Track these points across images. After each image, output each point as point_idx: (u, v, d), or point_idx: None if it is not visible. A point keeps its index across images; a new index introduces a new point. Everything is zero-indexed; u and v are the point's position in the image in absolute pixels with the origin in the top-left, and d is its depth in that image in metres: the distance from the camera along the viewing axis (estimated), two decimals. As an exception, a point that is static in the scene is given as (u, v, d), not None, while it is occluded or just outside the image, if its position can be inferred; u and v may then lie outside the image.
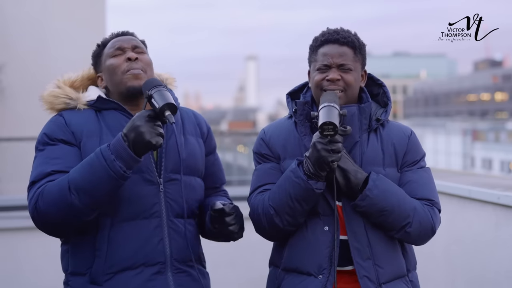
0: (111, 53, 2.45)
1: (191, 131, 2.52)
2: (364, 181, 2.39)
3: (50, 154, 2.31)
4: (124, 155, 2.18)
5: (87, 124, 2.36)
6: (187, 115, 2.57)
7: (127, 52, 2.44)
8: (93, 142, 2.32)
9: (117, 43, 2.47)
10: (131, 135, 2.18)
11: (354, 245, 2.41)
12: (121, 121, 2.36)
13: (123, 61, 2.42)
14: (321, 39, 2.48)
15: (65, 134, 2.34)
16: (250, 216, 2.51)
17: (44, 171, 2.28)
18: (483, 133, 51.30)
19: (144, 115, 2.21)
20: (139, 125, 2.18)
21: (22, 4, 11.69)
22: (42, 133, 2.38)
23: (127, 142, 2.18)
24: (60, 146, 2.32)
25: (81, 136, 2.34)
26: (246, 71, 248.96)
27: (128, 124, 2.22)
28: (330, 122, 2.25)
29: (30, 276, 4.73)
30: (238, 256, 5.02)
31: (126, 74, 2.40)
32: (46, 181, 2.25)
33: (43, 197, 2.22)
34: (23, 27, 11.54)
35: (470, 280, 3.97)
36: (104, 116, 2.39)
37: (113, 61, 2.43)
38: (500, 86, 78.71)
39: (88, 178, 2.18)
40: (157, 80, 2.33)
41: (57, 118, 2.40)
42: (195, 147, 2.50)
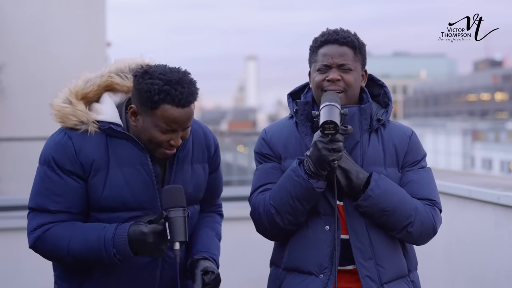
0: (161, 127, 2.24)
1: (198, 158, 2.46)
2: (366, 181, 2.40)
3: (54, 188, 2.29)
4: (125, 253, 2.24)
5: (96, 153, 2.30)
6: (197, 138, 2.47)
7: (176, 135, 2.26)
8: (100, 176, 2.29)
9: (173, 125, 2.24)
10: (137, 245, 2.23)
11: (356, 245, 2.41)
12: (131, 154, 2.31)
13: (168, 140, 2.27)
14: (321, 40, 2.48)
15: (73, 165, 2.28)
16: (251, 215, 2.52)
17: (45, 206, 2.29)
18: (483, 133, 51.29)
19: (155, 231, 2.21)
20: (148, 242, 2.21)
21: (22, 4, 11.69)
22: (50, 155, 2.30)
23: (130, 245, 2.22)
24: (66, 181, 2.29)
25: (90, 169, 2.29)
26: (246, 71, 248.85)
27: (137, 233, 2.21)
28: (331, 121, 2.26)
29: (30, 276, 4.73)
30: (238, 256, 5.02)
31: (162, 150, 2.29)
32: (48, 221, 2.29)
33: (42, 243, 2.30)
34: (23, 27, 11.54)
35: (470, 280, 3.97)
36: (115, 144, 2.31)
37: (158, 136, 2.26)
38: (500, 86, 78.71)
39: (86, 255, 2.27)
40: (180, 194, 2.25)
41: (67, 141, 2.30)
42: (200, 176, 2.47)
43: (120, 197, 2.29)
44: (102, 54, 12.82)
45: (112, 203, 2.30)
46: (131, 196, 2.30)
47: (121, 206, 2.30)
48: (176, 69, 2.28)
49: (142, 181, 2.31)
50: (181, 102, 2.21)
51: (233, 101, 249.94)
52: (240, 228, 4.70)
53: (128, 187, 2.30)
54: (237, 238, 4.93)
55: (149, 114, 2.25)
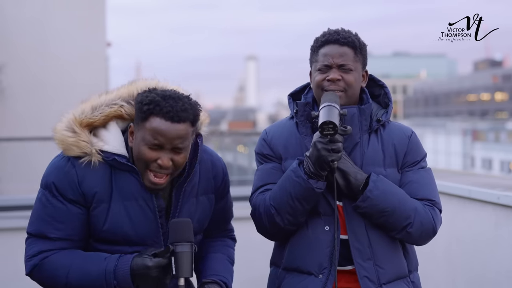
0: (148, 141, 2.17)
1: (204, 190, 2.39)
2: (365, 182, 2.40)
3: (55, 214, 2.23)
4: (126, 286, 2.18)
5: (98, 186, 2.23)
6: (205, 168, 2.40)
7: (163, 153, 2.17)
8: (101, 209, 2.24)
9: (159, 138, 2.15)
10: (140, 279, 2.17)
11: (355, 245, 2.41)
12: (133, 189, 2.24)
13: (155, 159, 2.18)
14: (322, 40, 2.49)
15: (74, 195, 2.22)
16: (252, 215, 2.52)
17: (45, 232, 2.23)
18: (483, 133, 51.28)
19: (160, 265, 2.16)
20: (151, 276, 2.16)
21: (22, 4, 11.70)
22: (52, 182, 2.24)
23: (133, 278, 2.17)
24: (67, 208, 2.23)
25: (91, 200, 2.23)
26: (246, 71, 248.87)
27: (141, 266, 2.16)
28: (330, 121, 2.26)
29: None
30: (238, 256, 5.00)
31: (150, 174, 2.20)
32: (47, 249, 2.23)
33: (40, 272, 2.24)
34: (23, 27, 11.56)
35: (470, 280, 3.97)
36: (118, 177, 2.24)
37: (145, 152, 2.18)
38: (500, 86, 78.70)
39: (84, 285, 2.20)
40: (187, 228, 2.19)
41: (70, 170, 2.23)
42: (205, 207, 2.41)
43: (121, 231, 2.24)
44: (102, 54, 12.84)
45: (113, 236, 2.25)
46: (132, 231, 2.25)
47: (122, 240, 2.25)
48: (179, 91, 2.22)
49: (144, 216, 2.25)
50: (169, 114, 2.14)
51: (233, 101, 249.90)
52: (240, 228, 4.68)
53: (130, 222, 2.24)
54: (237, 238, 4.92)
55: (139, 128, 2.19)
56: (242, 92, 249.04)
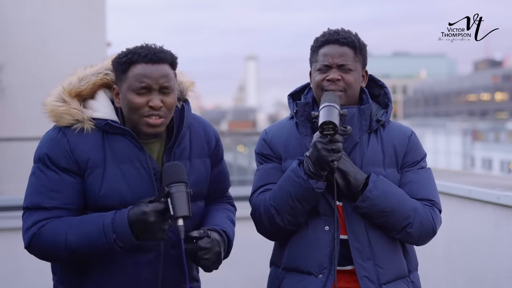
0: (135, 87, 2.20)
1: (198, 153, 2.40)
2: (364, 182, 2.40)
3: (49, 184, 2.23)
4: (126, 238, 2.16)
5: (92, 152, 2.24)
6: (196, 132, 2.42)
7: (152, 94, 2.20)
8: (96, 175, 2.24)
9: (145, 80, 2.19)
10: (139, 227, 2.15)
11: (355, 245, 2.41)
12: (128, 151, 2.26)
13: (145, 104, 2.20)
14: (322, 40, 2.49)
15: (68, 163, 2.23)
16: (252, 215, 2.53)
17: (41, 203, 2.23)
18: (483, 133, 51.27)
19: (156, 210, 2.14)
20: (149, 221, 2.13)
21: (22, 4, 11.70)
22: (44, 153, 2.25)
23: (131, 228, 2.15)
24: (61, 177, 2.23)
25: (86, 167, 2.24)
26: (246, 71, 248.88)
27: (138, 213, 2.14)
28: (330, 121, 2.26)
29: (30, 276, 4.73)
30: (238, 256, 5.01)
31: (145, 119, 2.22)
32: (44, 218, 2.22)
33: (38, 240, 2.22)
34: (23, 27, 11.55)
35: (470, 280, 3.97)
36: (112, 141, 2.26)
37: (134, 99, 2.21)
38: (500, 86, 78.71)
39: (85, 246, 2.19)
40: (180, 169, 2.19)
41: (61, 138, 2.25)
42: (201, 171, 2.40)
43: (118, 194, 2.24)
44: (102, 54, 12.82)
45: (110, 201, 2.24)
46: (129, 193, 2.24)
47: (119, 204, 2.23)
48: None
49: (140, 177, 2.26)
50: (148, 57, 2.20)
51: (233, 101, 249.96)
52: (240, 228, 4.69)
53: (126, 184, 2.25)
54: (237, 238, 4.91)
55: (123, 81, 2.23)
56: (242, 92, 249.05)
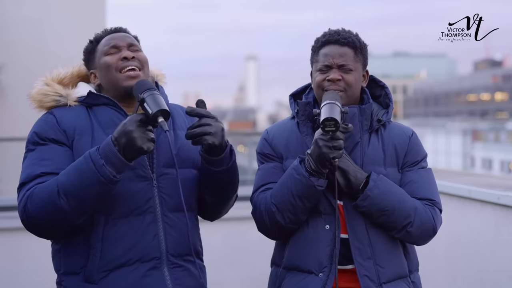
0: (105, 50, 2.40)
1: (181, 126, 2.46)
2: (365, 181, 2.40)
3: (40, 155, 2.27)
4: (114, 159, 2.13)
5: (78, 121, 2.32)
6: (175, 111, 2.50)
7: (122, 51, 2.39)
8: (85, 140, 2.28)
9: (112, 41, 2.42)
10: (122, 140, 2.13)
11: (355, 244, 2.42)
12: (113, 117, 2.33)
13: (118, 59, 2.37)
14: (322, 40, 2.49)
15: (56, 133, 2.29)
16: (253, 214, 2.53)
17: (33, 172, 2.23)
18: (483, 133, 51.27)
19: (136, 120, 2.14)
20: (130, 130, 2.12)
21: (22, 4, 11.69)
22: (32, 132, 2.33)
23: (117, 147, 2.13)
24: (51, 146, 2.28)
25: (73, 134, 2.30)
26: (246, 71, 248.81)
27: (119, 128, 2.15)
28: (332, 118, 2.27)
29: (30, 276, 4.74)
30: (238, 256, 5.03)
31: (122, 73, 2.36)
32: (36, 183, 2.20)
33: (32, 200, 2.18)
34: (23, 27, 11.54)
35: (470, 280, 3.98)
36: (96, 112, 2.35)
37: (108, 59, 2.38)
38: (500, 86, 78.73)
39: (77, 182, 2.14)
40: (149, 83, 2.27)
41: (48, 116, 2.35)
42: (186, 142, 2.36)
43: None
44: (102, 54, 12.81)
45: None
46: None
47: None
48: None
49: None
50: (111, 29, 2.49)
51: (233, 101, 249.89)
52: (241, 228, 4.71)
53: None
54: (237, 238, 4.94)
55: (95, 56, 2.44)
56: (242, 92, 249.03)
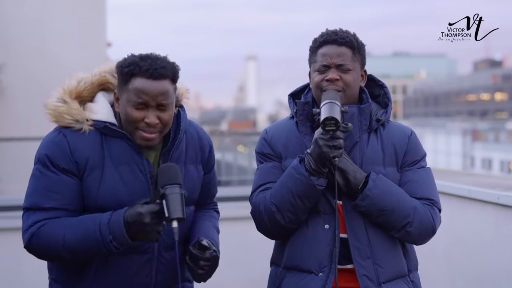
0: (133, 101, 2.24)
1: (192, 159, 2.45)
2: (364, 181, 2.40)
3: (49, 185, 2.27)
4: (122, 239, 2.20)
5: (91, 152, 2.29)
6: (191, 139, 2.46)
7: (149, 111, 2.24)
8: (95, 176, 2.28)
9: (142, 96, 2.22)
10: (134, 228, 2.19)
11: (354, 244, 2.42)
12: (126, 154, 2.30)
13: (141, 120, 2.25)
14: (320, 40, 2.49)
15: (67, 164, 2.27)
16: (252, 214, 2.53)
17: (40, 204, 2.27)
18: (483, 133, 51.26)
19: (152, 211, 2.18)
20: (145, 223, 2.17)
21: (22, 4, 11.70)
22: (44, 154, 2.29)
23: (127, 228, 2.19)
24: (61, 178, 2.27)
25: (85, 167, 2.28)
26: (246, 71, 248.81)
27: (134, 215, 2.18)
28: (332, 117, 2.27)
29: (30, 276, 4.73)
30: (238, 256, 5.02)
31: (140, 132, 2.27)
32: (43, 218, 2.26)
33: (37, 239, 2.26)
34: (23, 27, 11.54)
35: (470, 280, 3.98)
36: (110, 143, 2.31)
37: (132, 113, 2.25)
38: (500, 86, 78.74)
39: (82, 244, 2.23)
40: (174, 171, 2.22)
41: (61, 139, 2.30)
42: (194, 177, 2.45)
43: (115, 195, 2.28)
44: (102, 54, 12.82)
45: (107, 202, 2.28)
46: (126, 194, 2.28)
47: (116, 205, 2.27)
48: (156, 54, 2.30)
49: (136, 179, 2.30)
50: (149, 71, 2.22)
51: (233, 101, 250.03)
52: (240, 228, 4.71)
53: (124, 186, 2.29)
54: (237, 238, 4.94)
55: (124, 91, 2.27)
56: (242, 92, 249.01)
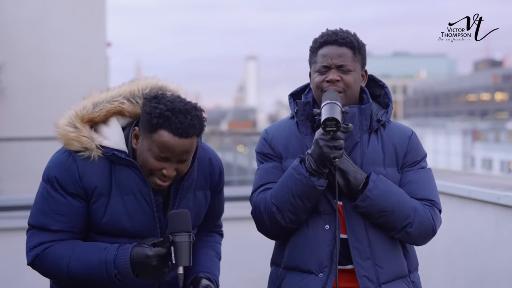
0: (155, 153, 2.21)
1: (201, 185, 2.45)
2: (364, 182, 2.40)
3: (56, 208, 2.29)
4: (126, 275, 2.24)
5: (99, 180, 2.29)
6: (202, 165, 2.44)
7: (168, 164, 2.23)
8: (101, 203, 2.30)
9: (166, 152, 2.20)
10: (140, 267, 2.23)
11: (354, 245, 2.41)
12: (132, 183, 2.29)
13: (159, 169, 2.24)
14: (320, 41, 2.49)
15: (75, 189, 2.28)
16: (252, 214, 2.52)
17: (47, 225, 2.29)
18: (483, 133, 51.26)
19: (159, 255, 2.22)
20: (151, 265, 2.22)
21: (22, 4, 11.71)
22: (53, 176, 2.29)
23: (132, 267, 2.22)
24: (68, 201, 2.29)
25: (92, 194, 2.29)
26: (246, 71, 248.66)
27: (141, 255, 2.22)
28: (333, 118, 2.27)
29: (31, 276, 4.72)
30: (238, 256, 5.02)
31: (155, 179, 2.26)
32: (48, 240, 2.29)
33: (41, 262, 2.30)
34: (23, 27, 11.55)
35: (470, 280, 3.97)
36: (118, 171, 2.30)
37: (151, 162, 2.23)
38: (500, 86, 78.73)
39: (85, 275, 2.27)
40: (186, 219, 2.26)
41: (71, 164, 2.29)
42: (201, 203, 2.46)
43: (119, 224, 2.30)
44: (102, 54, 12.83)
45: (112, 229, 2.31)
46: (130, 224, 2.30)
47: (121, 233, 2.31)
48: (187, 101, 2.25)
49: (142, 210, 2.31)
50: (178, 131, 2.18)
51: (233, 101, 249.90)
52: (240, 228, 4.70)
53: (128, 215, 2.30)
54: (237, 238, 4.93)
55: (146, 137, 2.23)
56: (242, 92, 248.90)
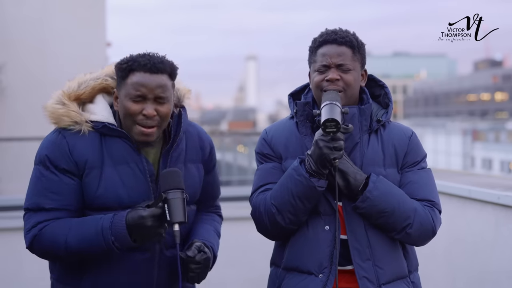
0: (131, 95, 2.28)
1: (192, 158, 2.49)
2: (364, 182, 2.40)
3: (49, 186, 2.31)
4: (123, 240, 2.25)
5: (90, 153, 2.32)
6: (192, 138, 2.50)
7: (147, 103, 2.28)
8: (94, 175, 2.31)
9: (140, 89, 2.27)
10: (136, 230, 2.24)
11: (354, 246, 2.41)
12: (125, 153, 2.33)
13: (139, 112, 2.29)
14: (320, 40, 2.48)
15: (67, 164, 2.30)
16: (252, 215, 2.52)
17: (41, 204, 2.31)
18: (483, 133, 51.24)
19: (153, 215, 2.23)
20: (146, 225, 2.23)
21: (22, 4, 11.70)
22: (44, 155, 2.33)
23: (129, 231, 2.23)
24: (61, 178, 2.31)
25: (84, 167, 2.31)
26: (246, 71, 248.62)
27: (136, 217, 2.23)
28: (333, 119, 2.27)
29: (30, 276, 4.73)
30: (238, 256, 5.02)
31: (139, 127, 2.30)
32: (44, 219, 2.30)
33: (39, 241, 2.31)
34: (23, 27, 11.55)
35: (470, 280, 3.97)
36: (109, 143, 2.34)
37: (130, 106, 2.29)
38: (500, 86, 78.72)
39: (84, 247, 2.27)
40: (177, 176, 2.28)
41: (61, 140, 2.33)
42: (194, 176, 2.49)
43: (114, 194, 2.31)
44: (102, 54, 12.83)
45: (107, 201, 2.31)
46: (125, 193, 2.32)
47: (116, 204, 2.31)
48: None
49: (136, 178, 2.33)
50: (147, 66, 2.27)
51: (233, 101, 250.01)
52: (240, 228, 4.70)
53: (123, 185, 2.32)
54: (237, 238, 4.93)
55: (122, 87, 2.31)
56: (242, 92, 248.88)
